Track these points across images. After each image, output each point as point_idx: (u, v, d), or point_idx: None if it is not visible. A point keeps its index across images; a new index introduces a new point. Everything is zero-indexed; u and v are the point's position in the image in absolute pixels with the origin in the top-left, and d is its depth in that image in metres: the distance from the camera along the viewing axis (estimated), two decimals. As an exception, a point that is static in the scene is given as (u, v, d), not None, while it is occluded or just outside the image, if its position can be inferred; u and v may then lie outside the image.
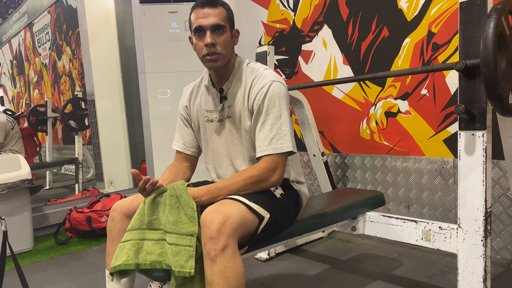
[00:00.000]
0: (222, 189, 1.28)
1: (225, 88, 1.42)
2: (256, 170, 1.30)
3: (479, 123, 1.40)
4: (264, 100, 1.32)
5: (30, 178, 2.71)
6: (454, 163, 2.25)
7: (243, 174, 1.31)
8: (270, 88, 1.32)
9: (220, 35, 1.34)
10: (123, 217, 1.36)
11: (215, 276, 1.10)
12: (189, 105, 1.56)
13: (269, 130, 1.31)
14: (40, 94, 5.56)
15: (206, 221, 1.13)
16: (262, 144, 1.31)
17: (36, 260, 2.61)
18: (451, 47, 2.19)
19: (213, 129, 1.47)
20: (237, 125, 1.41)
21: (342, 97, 2.75)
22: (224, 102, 1.43)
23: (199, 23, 1.32)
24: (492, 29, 1.25)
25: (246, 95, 1.38)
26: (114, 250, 1.36)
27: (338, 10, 2.71)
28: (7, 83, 6.81)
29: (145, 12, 3.00)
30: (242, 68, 1.43)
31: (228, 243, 1.11)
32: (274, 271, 2.15)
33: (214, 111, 1.46)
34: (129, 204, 1.37)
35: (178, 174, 1.51)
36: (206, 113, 1.48)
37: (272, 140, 1.30)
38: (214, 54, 1.34)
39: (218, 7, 1.35)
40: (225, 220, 1.12)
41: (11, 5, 6.40)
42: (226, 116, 1.43)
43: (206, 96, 1.49)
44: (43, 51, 5.26)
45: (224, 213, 1.14)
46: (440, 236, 1.63)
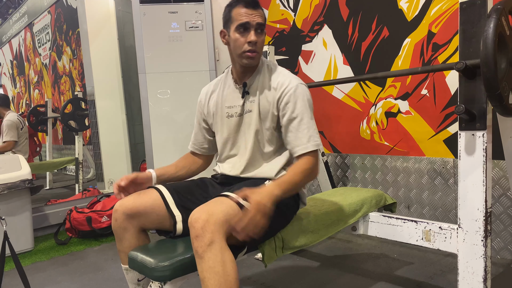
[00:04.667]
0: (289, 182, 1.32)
1: (249, 83, 1.49)
2: (306, 164, 1.37)
3: (479, 123, 1.40)
4: (297, 100, 1.41)
5: (30, 178, 2.71)
6: (454, 163, 2.25)
7: (298, 168, 1.36)
8: (300, 91, 1.43)
9: (260, 35, 1.43)
10: (126, 217, 1.36)
11: (205, 273, 1.13)
12: (206, 103, 1.62)
13: (306, 129, 1.40)
14: (40, 94, 5.56)
15: (191, 221, 1.16)
16: (301, 142, 1.39)
17: (36, 260, 2.62)
18: (451, 47, 2.19)
19: (232, 124, 1.51)
20: (257, 119, 1.46)
21: (342, 97, 2.75)
22: (246, 96, 1.49)
23: (246, 19, 1.40)
24: (492, 29, 1.25)
25: (271, 92, 1.45)
26: (123, 248, 1.40)
27: (338, 10, 2.71)
28: (7, 83, 6.81)
29: (145, 12, 3.00)
30: (265, 66, 1.51)
31: (213, 239, 1.13)
32: (274, 271, 2.15)
33: (235, 106, 1.51)
34: (131, 203, 1.38)
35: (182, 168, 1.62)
36: (227, 109, 1.53)
37: (311, 138, 1.39)
38: (254, 52, 1.42)
39: (259, 9, 1.44)
40: (209, 217, 1.14)
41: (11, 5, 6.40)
42: (247, 110, 1.48)
43: (227, 93, 1.54)
44: (43, 51, 5.26)
45: (208, 211, 1.17)
46: (440, 236, 1.63)
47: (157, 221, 1.40)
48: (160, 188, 1.44)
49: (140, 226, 1.39)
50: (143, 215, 1.37)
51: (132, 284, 1.43)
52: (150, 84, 3.02)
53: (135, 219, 1.37)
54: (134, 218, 1.37)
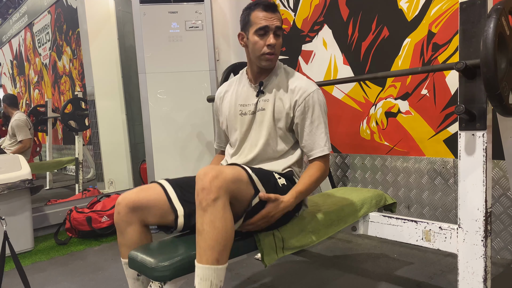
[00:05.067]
0: (306, 192, 1.44)
1: (265, 83, 1.54)
2: (319, 170, 1.49)
3: (479, 123, 1.40)
4: (315, 105, 1.49)
5: (30, 178, 2.71)
6: (454, 163, 2.25)
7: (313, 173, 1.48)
8: (318, 96, 1.51)
9: (278, 38, 1.51)
10: (129, 210, 1.37)
11: (205, 225, 1.17)
12: (220, 103, 1.69)
13: (323, 133, 1.50)
14: (40, 94, 5.56)
15: (200, 175, 1.21)
16: (319, 146, 1.49)
17: (36, 260, 2.62)
18: (451, 47, 2.19)
19: (245, 122, 1.56)
20: (270, 118, 1.51)
21: (342, 97, 2.75)
22: (261, 95, 1.54)
23: (265, 23, 1.47)
24: (492, 29, 1.25)
25: (288, 94, 1.50)
26: (124, 241, 1.40)
27: (338, 10, 2.71)
28: (7, 83, 6.81)
29: (145, 12, 3.00)
30: (282, 69, 1.59)
31: (219, 195, 1.18)
32: (274, 271, 2.15)
33: (249, 105, 1.55)
34: (134, 196, 1.39)
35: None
36: (241, 107, 1.57)
37: (326, 142, 1.51)
38: (272, 54, 1.50)
39: (277, 12, 1.51)
40: (218, 174, 1.19)
41: (11, 5, 6.40)
42: (260, 108, 1.53)
43: (242, 92, 1.59)
44: (43, 51, 5.26)
45: (218, 170, 1.22)
46: (440, 236, 1.63)
47: (159, 216, 1.40)
48: (162, 183, 1.45)
49: (143, 220, 1.39)
50: (146, 209, 1.38)
51: (131, 280, 1.42)
52: (150, 84, 3.02)
53: (138, 213, 1.38)
54: (137, 211, 1.37)
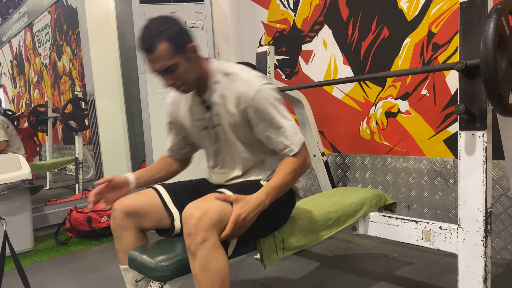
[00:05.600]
0: (280, 186, 1.31)
1: (207, 98, 1.38)
2: (295, 162, 1.33)
3: (479, 123, 1.41)
4: (264, 106, 1.31)
5: (30, 178, 2.71)
6: (454, 163, 2.25)
7: (288, 167, 1.33)
8: (263, 94, 1.30)
9: (174, 72, 1.27)
10: (124, 215, 1.37)
11: (197, 270, 1.14)
12: (175, 112, 1.53)
13: (284, 132, 1.33)
14: (40, 94, 5.56)
15: (185, 218, 1.17)
16: (285, 146, 1.34)
17: (36, 260, 2.61)
18: (451, 47, 2.19)
19: (210, 136, 1.45)
20: (230, 132, 1.39)
21: (342, 97, 2.75)
22: (211, 110, 1.39)
23: (151, 69, 1.27)
24: (492, 29, 1.25)
25: (234, 103, 1.33)
26: (121, 247, 1.40)
27: (338, 10, 2.71)
28: (7, 83, 6.81)
29: (145, 12, 3.00)
30: (219, 74, 1.36)
31: (206, 237, 1.14)
32: (274, 271, 2.15)
33: (203, 119, 1.43)
34: (129, 202, 1.38)
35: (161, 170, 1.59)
36: (197, 122, 1.45)
37: (292, 138, 1.33)
38: (179, 87, 1.32)
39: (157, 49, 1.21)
40: (203, 215, 1.15)
41: (11, 5, 6.40)
42: (216, 124, 1.40)
43: (193, 106, 1.45)
44: (43, 51, 5.26)
45: (202, 208, 1.17)
46: (440, 236, 1.63)
47: (156, 220, 1.40)
48: (157, 188, 1.44)
49: (139, 225, 1.39)
50: (142, 214, 1.38)
51: (130, 285, 1.42)
52: (150, 84, 3.02)
53: (134, 218, 1.37)
54: (132, 216, 1.37)
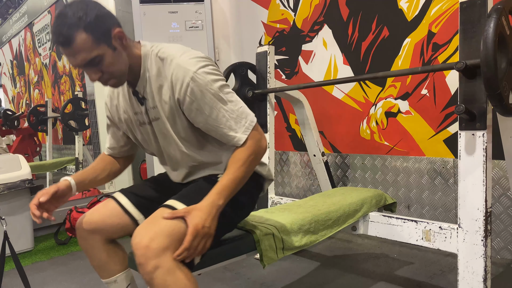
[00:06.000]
0: (231, 184, 1.15)
1: (140, 89, 1.21)
2: (245, 151, 1.17)
3: (479, 123, 1.41)
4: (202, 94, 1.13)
5: (30, 178, 2.71)
6: (454, 163, 2.25)
7: (238, 160, 1.16)
8: (199, 81, 1.12)
9: (99, 65, 1.10)
10: (88, 234, 1.32)
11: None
12: (113, 105, 1.35)
13: (226, 121, 1.15)
14: (40, 94, 5.56)
15: (133, 245, 1.06)
16: (232, 137, 1.16)
17: (36, 260, 2.61)
18: (451, 47, 2.19)
19: (148, 132, 1.29)
20: (168, 127, 1.22)
21: (342, 97, 2.75)
22: (146, 103, 1.22)
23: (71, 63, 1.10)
24: (492, 29, 1.25)
25: (167, 91, 1.17)
26: (95, 263, 1.37)
27: (338, 10, 2.71)
28: (7, 83, 6.81)
29: (145, 12, 3.00)
30: (154, 59, 1.19)
31: (158, 264, 1.03)
32: (274, 271, 2.15)
33: (140, 113, 1.26)
34: (88, 219, 1.32)
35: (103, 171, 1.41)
36: (135, 115, 1.29)
37: (237, 125, 1.16)
38: (107, 81, 1.15)
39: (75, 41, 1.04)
40: (150, 242, 1.04)
41: (11, 5, 6.41)
42: (154, 118, 1.24)
43: (129, 98, 1.28)
44: (43, 51, 5.26)
45: (149, 233, 1.05)
46: (440, 236, 1.63)
47: (122, 229, 1.33)
48: (116, 196, 1.36)
49: (105, 238, 1.33)
50: (104, 228, 1.31)
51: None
52: (150, 84, 3.02)
53: (98, 234, 1.32)
54: (96, 233, 1.31)
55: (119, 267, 1.38)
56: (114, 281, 1.38)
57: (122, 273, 1.38)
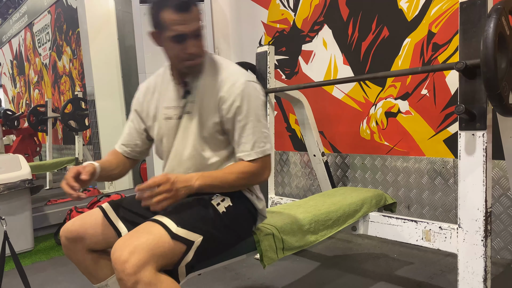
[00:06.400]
0: (216, 178, 1.21)
1: (191, 82, 1.29)
2: (247, 167, 1.24)
3: (479, 123, 1.41)
4: (243, 102, 1.22)
5: (30, 178, 2.71)
6: (454, 163, 2.25)
7: (236, 168, 1.24)
8: (246, 90, 1.23)
9: (200, 40, 1.22)
10: (70, 242, 1.29)
11: None
12: (145, 101, 1.39)
13: (251, 135, 1.23)
14: (40, 94, 5.56)
15: (113, 259, 1.04)
16: (245, 149, 1.24)
17: (36, 260, 2.61)
18: (451, 47, 2.19)
19: (170, 127, 1.33)
20: (196, 123, 1.28)
21: (342, 97, 2.75)
22: (188, 97, 1.29)
23: (181, 30, 1.17)
24: (492, 29, 1.25)
25: (214, 92, 1.25)
26: (83, 270, 1.34)
27: (338, 10, 2.71)
28: (7, 83, 6.81)
29: (145, 12, 3.00)
30: (209, 62, 1.30)
31: (137, 279, 1.01)
32: (274, 271, 2.15)
33: (174, 107, 1.31)
34: (70, 227, 1.30)
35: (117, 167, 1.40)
36: (165, 110, 1.33)
37: (255, 144, 1.24)
38: (194, 59, 1.23)
39: (193, 9, 1.18)
40: (129, 257, 1.02)
41: (11, 5, 6.40)
42: (187, 111, 1.29)
43: (166, 92, 1.34)
44: (43, 51, 5.26)
45: (130, 247, 1.03)
46: (440, 236, 1.63)
47: (104, 242, 1.30)
48: (103, 206, 1.34)
49: (88, 248, 1.30)
50: (87, 237, 1.28)
51: None
52: (150, 84, 3.02)
53: (80, 243, 1.29)
54: (78, 242, 1.28)
55: (108, 272, 1.34)
56: (105, 285, 1.35)
57: (112, 276, 1.35)
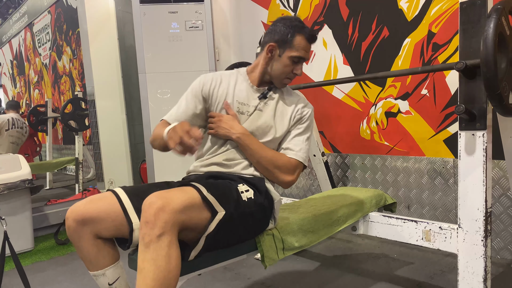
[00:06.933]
0: (255, 143, 1.43)
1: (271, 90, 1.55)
2: (283, 158, 1.45)
3: (479, 123, 1.40)
4: (307, 120, 1.53)
5: (30, 178, 2.71)
6: (454, 163, 2.25)
7: (276, 153, 1.47)
8: (312, 116, 1.57)
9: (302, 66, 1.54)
10: (77, 225, 1.26)
11: (146, 263, 1.05)
12: (212, 88, 1.51)
13: (301, 143, 1.49)
14: (40, 94, 5.56)
15: (145, 205, 1.08)
16: (294, 148, 1.48)
17: (36, 260, 2.61)
18: (451, 47, 2.19)
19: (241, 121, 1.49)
20: (263, 120, 1.49)
21: (342, 97, 2.75)
22: (263, 100, 1.52)
23: (304, 55, 1.46)
24: (492, 29, 1.25)
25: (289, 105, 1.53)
26: (82, 255, 1.31)
27: (338, 10, 2.71)
28: (7, 83, 6.81)
29: (145, 12, 3.00)
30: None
31: (164, 231, 1.05)
32: (274, 271, 2.15)
33: (248, 105, 1.50)
34: (81, 209, 1.27)
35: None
36: (239, 104, 1.50)
37: (301, 150, 1.48)
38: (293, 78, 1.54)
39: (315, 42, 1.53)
40: (165, 205, 1.06)
41: (11, 5, 6.41)
42: (259, 109, 1.51)
43: (240, 90, 1.52)
44: (43, 51, 5.26)
45: (165, 198, 1.08)
46: (440, 236, 1.63)
47: (114, 228, 1.28)
48: (117, 192, 1.32)
49: (96, 233, 1.28)
50: (97, 222, 1.26)
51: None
52: (150, 84, 3.02)
53: (88, 226, 1.26)
54: (86, 225, 1.26)
55: (109, 261, 1.33)
56: (102, 274, 1.33)
57: (111, 266, 1.34)
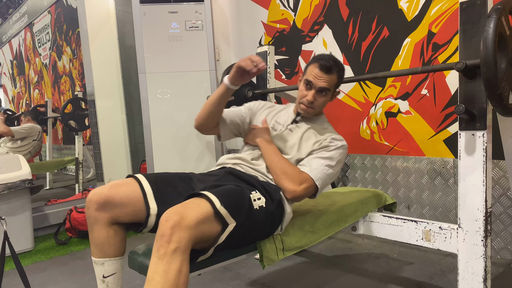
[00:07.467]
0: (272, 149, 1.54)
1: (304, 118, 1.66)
2: (294, 168, 1.50)
3: (479, 123, 1.40)
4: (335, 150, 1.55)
5: (30, 178, 2.71)
6: (454, 163, 2.25)
7: (286, 161, 1.51)
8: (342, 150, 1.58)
9: (322, 97, 1.59)
10: (97, 207, 1.31)
11: (157, 275, 1.07)
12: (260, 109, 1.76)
13: (321, 164, 1.51)
14: (40, 94, 5.56)
15: (162, 220, 1.11)
16: (310, 165, 1.51)
17: (36, 260, 2.61)
18: (451, 47, 2.19)
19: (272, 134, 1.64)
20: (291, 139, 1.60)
21: (342, 97, 2.75)
22: (294, 124, 1.65)
23: (311, 79, 1.55)
24: (492, 29, 1.25)
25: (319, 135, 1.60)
26: (92, 239, 1.35)
27: (338, 10, 2.71)
28: (7, 83, 6.80)
29: (145, 12, 3.00)
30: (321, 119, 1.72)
31: (179, 246, 1.08)
32: (274, 271, 2.15)
33: (283, 125, 1.66)
34: (105, 192, 1.32)
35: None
36: (275, 122, 1.68)
37: (316, 170, 1.50)
38: (309, 107, 1.60)
39: (332, 74, 1.55)
40: (180, 222, 1.09)
41: (11, 5, 6.40)
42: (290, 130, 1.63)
43: (283, 114, 1.71)
44: (43, 51, 5.26)
45: (181, 214, 1.11)
46: (440, 236, 1.63)
47: (132, 214, 1.33)
48: (140, 178, 1.37)
49: (113, 217, 1.32)
50: (118, 206, 1.31)
51: (98, 279, 1.38)
52: (150, 84, 3.02)
53: (108, 210, 1.31)
54: (106, 208, 1.31)
55: (112, 252, 1.36)
56: (102, 263, 1.36)
57: (112, 258, 1.36)
